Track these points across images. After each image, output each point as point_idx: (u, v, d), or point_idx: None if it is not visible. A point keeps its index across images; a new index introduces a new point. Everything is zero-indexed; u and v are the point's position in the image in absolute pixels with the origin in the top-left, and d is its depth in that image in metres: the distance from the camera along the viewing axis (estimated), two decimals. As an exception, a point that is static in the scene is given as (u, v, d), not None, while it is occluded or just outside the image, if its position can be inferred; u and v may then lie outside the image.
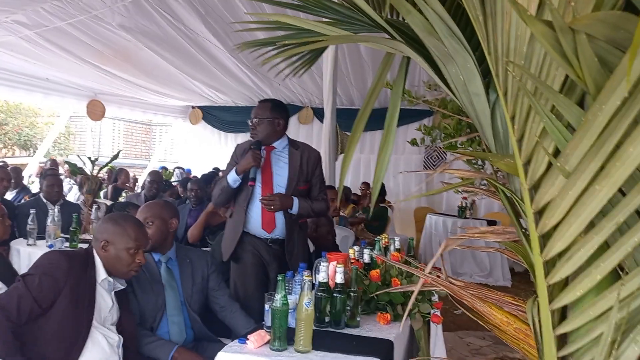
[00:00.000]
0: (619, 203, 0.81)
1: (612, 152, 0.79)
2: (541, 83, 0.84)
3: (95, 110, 8.51)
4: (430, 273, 1.15)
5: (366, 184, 8.45)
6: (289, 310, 2.03)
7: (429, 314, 2.54)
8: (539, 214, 0.91)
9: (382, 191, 8.42)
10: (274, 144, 3.09)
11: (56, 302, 2.01)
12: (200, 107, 10.51)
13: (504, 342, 1.09)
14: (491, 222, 7.42)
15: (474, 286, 1.08)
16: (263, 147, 3.05)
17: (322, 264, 2.32)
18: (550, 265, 0.91)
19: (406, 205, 9.67)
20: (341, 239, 5.18)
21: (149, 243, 2.40)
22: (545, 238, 0.91)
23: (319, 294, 2.25)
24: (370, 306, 2.49)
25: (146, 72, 7.23)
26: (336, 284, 2.27)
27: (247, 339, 2.00)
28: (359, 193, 8.40)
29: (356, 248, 2.83)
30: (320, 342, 2.03)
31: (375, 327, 2.33)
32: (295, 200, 2.99)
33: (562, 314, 0.92)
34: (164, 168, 9.35)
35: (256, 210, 3.03)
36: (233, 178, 2.99)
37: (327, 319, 2.26)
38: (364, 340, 2.14)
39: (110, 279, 2.19)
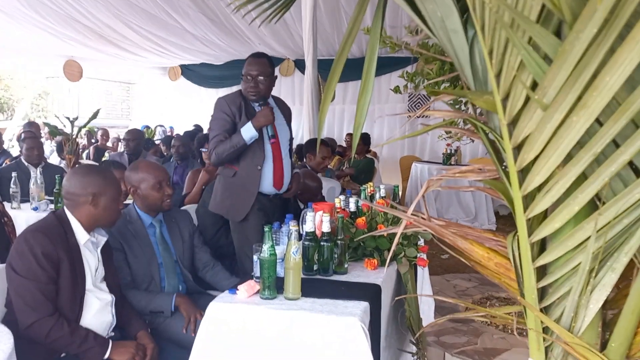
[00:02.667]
0: (595, 133, 0.81)
1: (589, 82, 0.78)
2: (518, 14, 0.82)
3: (73, 71, 8.28)
4: (413, 215, 1.16)
5: (351, 135, 8.43)
6: (277, 260, 2.06)
7: (415, 257, 2.59)
8: (518, 149, 0.91)
9: (367, 141, 8.43)
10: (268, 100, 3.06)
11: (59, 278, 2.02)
12: (179, 65, 10.28)
13: (490, 282, 1.10)
14: (476, 168, 7.48)
15: (455, 225, 1.09)
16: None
17: (308, 213, 2.33)
18: (529, 199, 0.91)
19: (391, 156, 9.71)
20: (327, 190, 5.20)
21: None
22: (524, 173, 0.91)
23: (307, 243, 2.28)
24: (357, 253, 2.52)
25: (118, 47, 7.02)
26: (323, 232, 2.29)
27: (237, 289, 2.02)
28: (344, 145, 8.39)
29: (342, 197, 2.84)
30: (309, 289, 2.07)
31: (363, 273, 2.37)
32: None
33: (541, 247, 0.94)
34: (147, 127, 9.21)
35: (269, 169, 2.99)
36: (251, 135, 2.88)
37: (315, 267, 2.30)
38: (352, 286, 2.18)
39: (93, 238, 2.18)
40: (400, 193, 7.50)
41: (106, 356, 2.05)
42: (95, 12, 5.84)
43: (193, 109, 10.35)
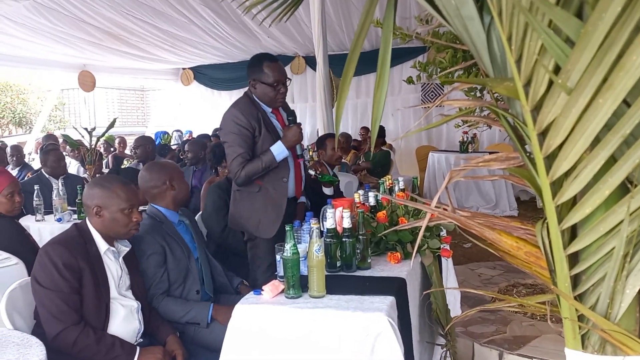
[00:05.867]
0: (623, 115, 0.79)
1: (614, 62, 0.76)
2: (537, -3, 0.80)
3: (86, 81, 8.38)
4: (436, 208, 1.14)
5: (365, 129, 8.39)
6: (300, 259, 2.06)
7: (439, 249, 2.56)
8: (543, 135, 0.89)
9: (382, 134, 8.38)
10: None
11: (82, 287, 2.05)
12: (190, 68, 10.33)
13: (515, 269, 1.08)
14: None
15: (480, 215, 1.07)
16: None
17: (328, 210, 2.32)
18: (557, 185, 0.89)
19: (407, 146, 9.65)
20: (345, 185, 5.19)
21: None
22: (550, 159, 0.89)
23: (328, 240, 2.27)
24: (380, 247, 2.51)
25: (128, 44, 7.08)
26: (344, 228, 2.28)
27: (262, 290, 2.03)
28: (359, 138, 8.36)
29: (361, 192, 2.83)
30: (333, 286, 2.06)
31: (386, 267, 2.36)
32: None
33: (571, 234, 0.92)
34: (165, 133, 9.29)
35: (291, 179, 2.97)
36: (283, 155, 2.84)
37: (338, 264, 2.29)
38: (377, 280, 2.17)
39: (113, 248, 2.20)
40: (418, 184, 7.46)
41: None
42: (104, 12, 5.89)
43: (210, 112, 10.40)
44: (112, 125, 4.84)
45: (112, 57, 8.15)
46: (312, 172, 3.88)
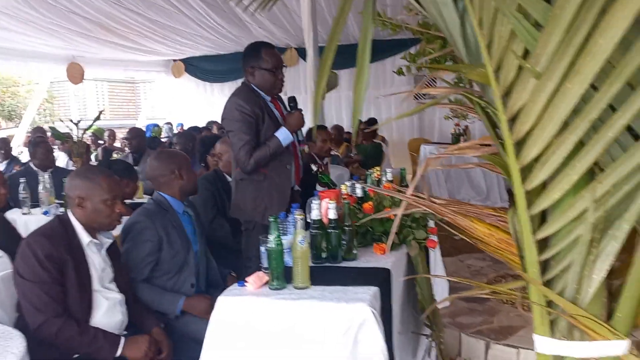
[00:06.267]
0: (591, 99, 0.79)
1: (581, 46, 0.76)
2: (504, -20, 0.80)
3: (75, 73, 8.31)
4: (412, 196, 1.14)
5: (360, 122, 8.37)
6: (285, 250, 2.05)
7: (425, 239, 2.57)
8: (513, 121, 0.89)
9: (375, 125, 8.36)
10: None
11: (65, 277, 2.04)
12: (181, 60, 10.26)
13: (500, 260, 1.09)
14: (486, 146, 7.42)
15: (456, 203, 1.07)
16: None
17: (313, 201, 2.32)
18: (527, 171, 0.89)
19: (400, 139, 9.65)
20: (336, 177, 5.18)
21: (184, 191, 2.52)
22: (520, 145, 0.89)
23: (314, 231, 2.26)
24: (366, 238, 2.51)
25: (117, 35, 7.02)
26: (330, 220, 2.28)
27: (246, 282, 2.02)
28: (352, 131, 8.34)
29: (348, 183, 2.82)
30: (318, 277, 2.06)
31: (372, 258, 2.36)
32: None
33: (542, 220, 0.92)
34: (156, 125, 9.24)
35: (293, 167, 3.02)
36: (289, 140, 2.89)
37: (324, 255, 2.29)
38: (362, 271, 2.18)
39: (96, 240, 2.19)
40: (411, 176, 7.45)
41: (118, 353, 2.06)
42: (92, 2, 5.83)
43: (201, 104, 10.36)
44: (98, 117, 4.81)
45: (101, 49, 8.08)
46: (314, 167, 3.89)
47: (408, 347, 2.58)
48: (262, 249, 2.18)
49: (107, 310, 2.17)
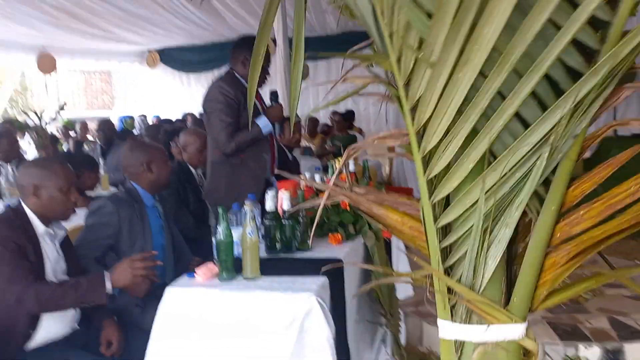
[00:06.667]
0: (481, 88, 0.80)
1: (468, 35, 0.77)
2: (396, -30, 0.80)
3: (46, 63, 8.16)
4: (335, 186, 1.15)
5: (336, 113, 8.37)
6: (237, 242, 2.05)
7: (381, 229, 2.59)
8: (414, 110, 0.90)
9: (351, 117, 8.37)
10: None
11: None
12: (156, 50, 10.14)
13: None
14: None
15: (374, 192, 1.08)
16: None
17: (268, 192, 2.32)
18: (429, 159, 0.90)
19: (378, 131, 9.64)
20: (308, 169, 5.20)
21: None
22: (421, 134, 0.90)
23: (268, 222, 2.27)
24: (323, 229, 2.52)
25: (88, 23, 6.89)
26: (284, 210, 2.29)
27: (196, 273, 2.02)
28: (329, 123, 8.34)
29: (308, 174, 2.83)
30: (270, 268, 2.06)
31: (327, 249, 2.37)
32: None
33: (445, 208, 0.93)
34: (130, 117, 9.13)
35: (269, 157, 3.16)
36: (268, 130, 3.03)
37: (278, 246, 2.29)
38: (313, 262, 2.18)
39: (51, 231, 2.17)
40: (388, 168, 7.47)
41: (109, 286, 2.04)
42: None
43: (178, 95, 10.25)
44: (61, 108, 4.74)
45: (73, 38, 7.93)
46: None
47: (365, 335, 2.61)
48: (214, 240, 2.18)
49: None
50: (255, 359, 1.85)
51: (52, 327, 2.12)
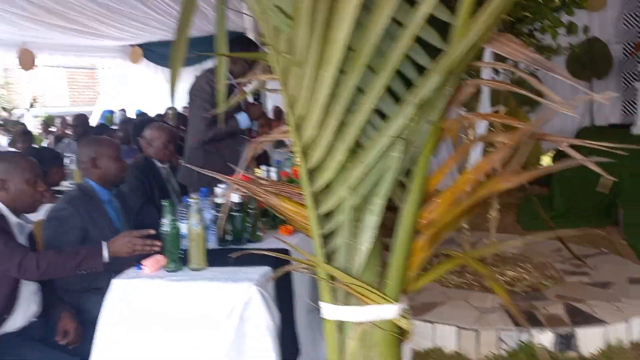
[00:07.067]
0: (341, 85, 0.85)
1: (324, 35, 0.82)
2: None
3: (26, 60, 8.14)
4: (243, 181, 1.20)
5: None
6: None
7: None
8: (292, 106, 0.95)
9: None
10: None
11: None
12: (139, 45, 10.12)
13: None
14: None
15: (273, 184, 1.14)
16: None
17: (219, 185, 2.37)
18: (308, 151, 0.96)
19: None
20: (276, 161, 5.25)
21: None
22: (300, 127, 0.95)
23: (218, 214, 2.32)
24: (275, 220, 2.58)
25: (67, 19, 6.88)
26: (234, 203, 2.34)
27: (143, 264, 2.07)
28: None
29: (264, 167, 2.89)
30: (217, 259, 2.12)
31: (278, 240, 2.42)
32: None
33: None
34: (111, 112, 9.14)
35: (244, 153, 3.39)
36: (247, 125, 3.26)
37: (228, 238, 2.35)
38: (260, 252, 2.23)
39: (22, 222, 2.22)
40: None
41: (106, 254, 2.13)
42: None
43: (161, 90, 10.24)
44: (31, 105, 4.76)
45: (53, 34, 7.90)
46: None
47: (319, 325, 2.67)
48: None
49: (26, 298, 2.20)
50: (198, 349, 1.91)
51: (10, 319, 2.17)
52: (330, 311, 0.98)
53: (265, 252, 1.44)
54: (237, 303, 1.88)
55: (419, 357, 3.02)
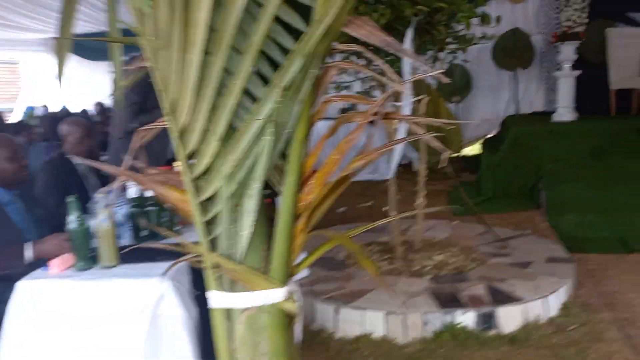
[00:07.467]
0: (209, 67, 0.83)
1: (184, 17, 0.80)
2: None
3: None
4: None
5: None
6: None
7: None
8: (166, 90, 0.92)
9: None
10: None
11: None
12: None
13: (376, 229, 1.13)
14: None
15: (164, 173, 1.10)
16: None
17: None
18: (185, 136, 0.93)
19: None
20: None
21: None
22: (174, 112, 0.92)
23: (132, 209, 2.25)
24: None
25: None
26: (147, 197, 2.27)
27: (49, 265, 1.97)
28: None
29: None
30: (130, 256, 2.04)
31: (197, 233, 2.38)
32: None
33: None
34: (31, 108, 8.68)
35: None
36: None
37: (144, 233, 2.28)
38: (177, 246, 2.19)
39: None
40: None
41: (29, 255, 2.08)
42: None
43: (88, 84, 9.82)
44: None
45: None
46: None
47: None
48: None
49: None
50: (112, 348, 1.85)
51: None
52: (217, 299, 0.96)
53: (167, 247, 1.40)
54: (149, 299, 1.83)
55: (348, 345, 3.06)
